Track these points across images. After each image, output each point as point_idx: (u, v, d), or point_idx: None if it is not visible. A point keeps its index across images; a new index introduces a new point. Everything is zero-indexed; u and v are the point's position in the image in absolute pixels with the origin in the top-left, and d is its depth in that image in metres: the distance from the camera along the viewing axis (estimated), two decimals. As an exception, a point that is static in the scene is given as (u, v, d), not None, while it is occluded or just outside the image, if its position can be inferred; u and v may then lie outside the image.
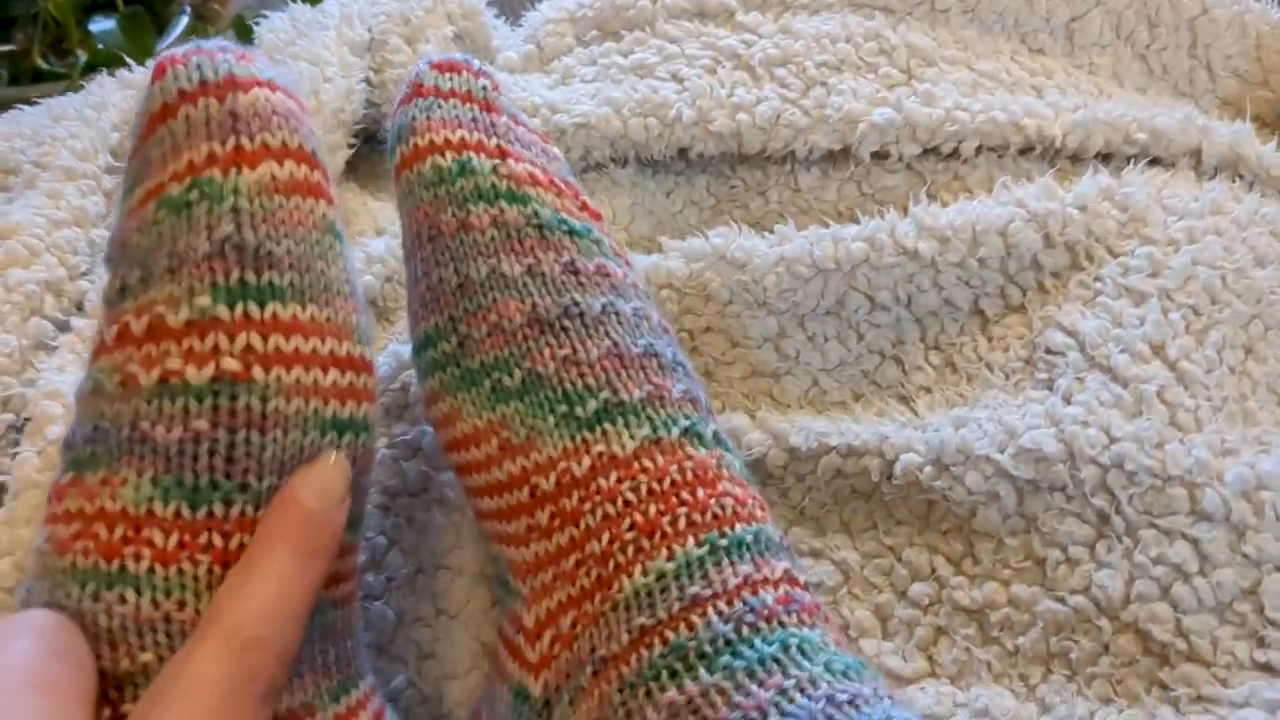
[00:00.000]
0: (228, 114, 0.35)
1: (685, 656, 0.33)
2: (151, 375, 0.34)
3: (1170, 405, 0.47)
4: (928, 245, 0.53)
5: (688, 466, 0.38)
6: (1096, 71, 0.62)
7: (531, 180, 0.42)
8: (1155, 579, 0.44)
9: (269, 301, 0.34)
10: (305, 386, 0.35)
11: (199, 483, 0.33)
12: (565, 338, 0.39)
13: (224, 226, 0.34)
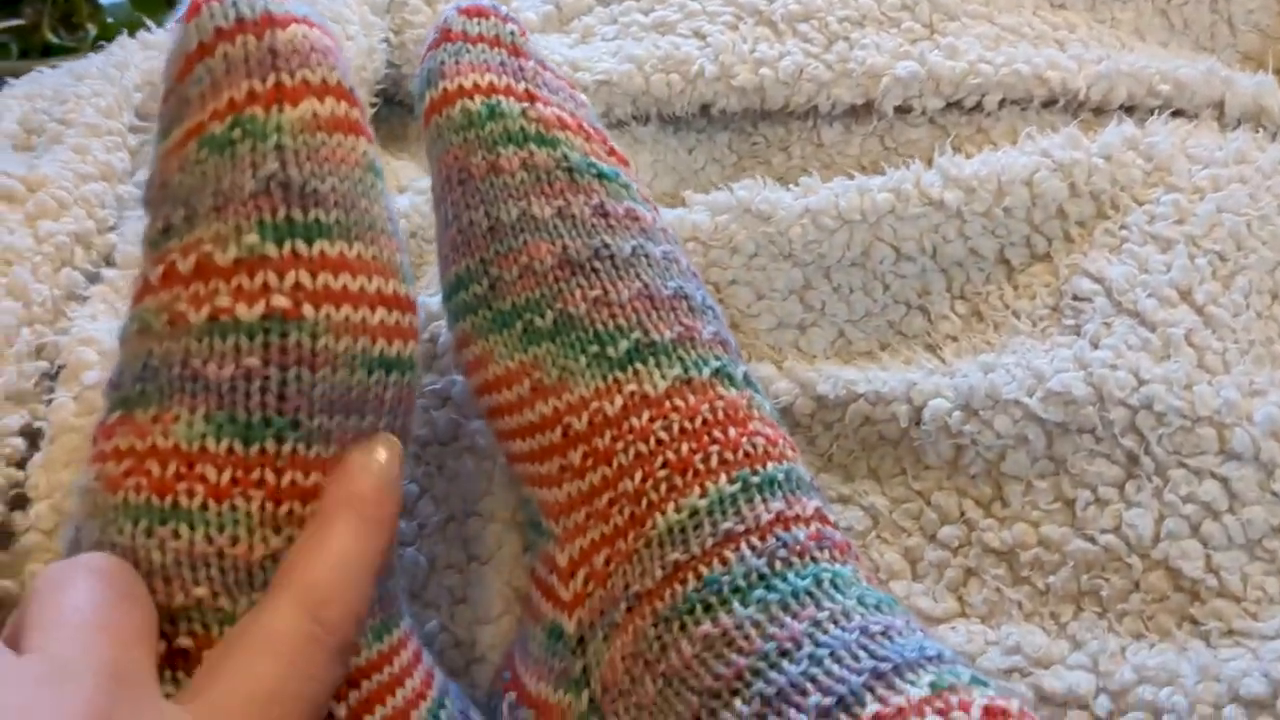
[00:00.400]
0: (267, 51, 0.35)
1: (719, 590, 0.34)
2: (201, 313, 0.34)
3: (1198, 348, 0.47)
4: (953, 195, 0.53)
5: (719, 406, 0.38)
6: (1118, 26, 0.63)
7: (560, 124, 0.42)
8: (1185, 517, 0.44)
9: (316, 239, 0.35)
10: (354, 324, 0.35)
11: (251, 419, 0.34)
12: (596, 279, 0.40)
13: (269, 164, 0.35)
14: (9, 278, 0.48)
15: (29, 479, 0.45)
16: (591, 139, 0.43)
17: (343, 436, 0.36)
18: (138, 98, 0.62)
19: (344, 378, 0.35)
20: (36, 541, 0.44)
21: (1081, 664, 0.42)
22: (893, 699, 0.30)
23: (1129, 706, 0.40)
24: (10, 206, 0.51)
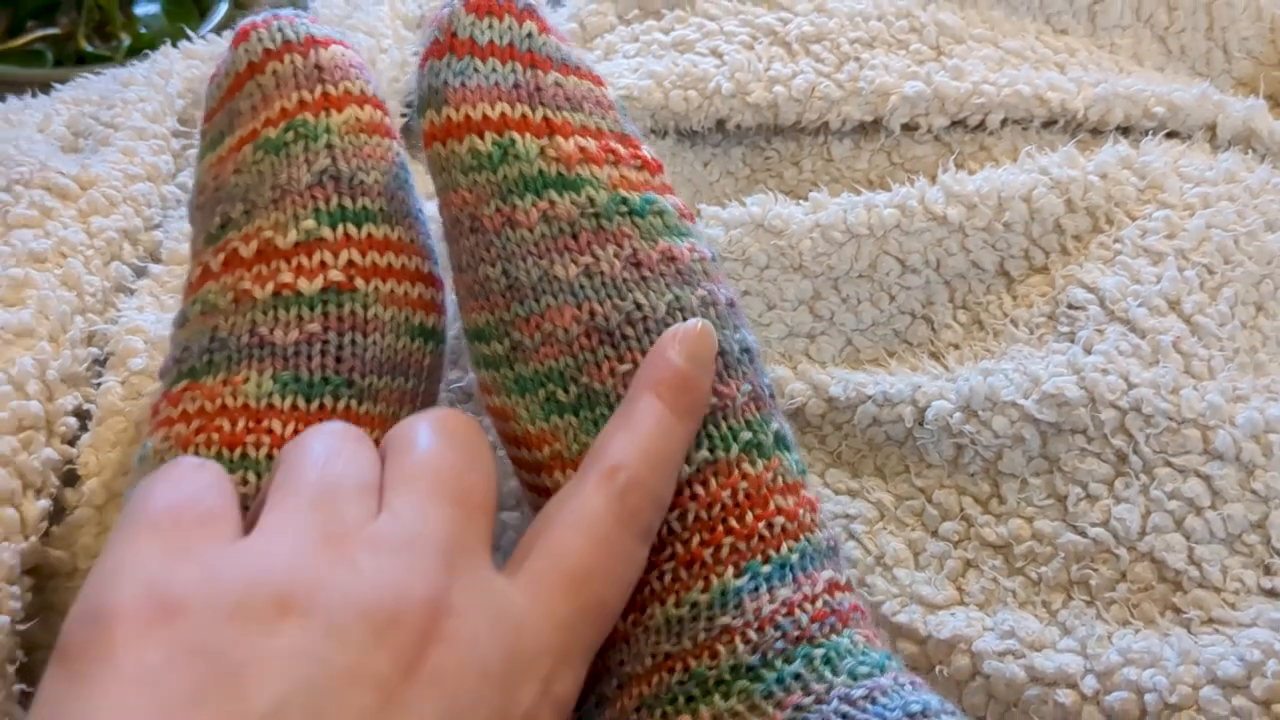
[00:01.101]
0: (313, 66, 0.41)
1: (704, 683, 0.34)
2: (266, 289, 0.38)
3: (1185, 355, 0.50)
4: (956, 211, 0.57)
5: (741, 488, 0.37)
6: (1117, 51, 0.66)
7: (583, 156, 0.39)
8: (1170, 512, 0.47)
9: (364, 223, 0.40)
10: (398, 296, 0.40)
11: (313, 378, 0.38)
12: (625, 348, 0.38)
13: (321, 160, 0.40)
14: (64, 269, 0.52)
15: (79, 457, 0.48)
16: (620, 160, 0.41)
17: (388, 395, 0.40)
18: (180, 104, 0.66)
19: (390, 342, 0.39)
20: (88, 516, 0.48)
21: (1071, 648, 0.45)
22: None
23: (1114, 686, 0.43)
24: (64, 203, 0.55)
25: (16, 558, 0.43)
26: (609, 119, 0.42)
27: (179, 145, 0.64)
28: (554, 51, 0.42)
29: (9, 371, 0.46)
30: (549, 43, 0.41)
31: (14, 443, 0.45)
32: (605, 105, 0.43)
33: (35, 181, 0.55)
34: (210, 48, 0.72)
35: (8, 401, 0.45)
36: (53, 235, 0.53)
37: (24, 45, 1.15)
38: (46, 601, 0.47)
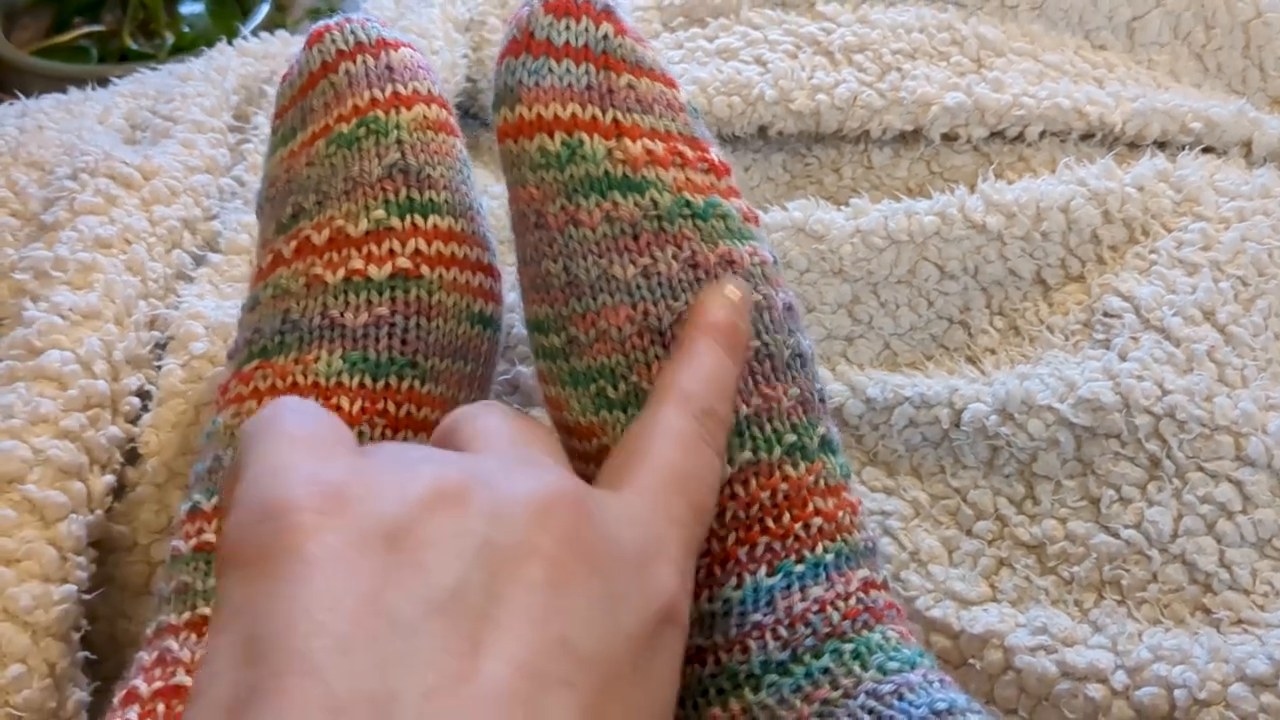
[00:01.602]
0: (385, 67, 0.44)
1: (734, 677, 0.36)
2: (338, 274, 0.41)
3: (1219, 364, 0.52)
4: (995, 220, 0.58)
5: (781, 489, 0.38)
6: (1155, 68, 0.67)
7: (649, 159, 0.40)
8: (1201, 516, 0.49)
9: (430, 214, 0.42)
10: (460, 284, 0.42)
11: (379, 358, 0.40)
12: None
13: (391, 154, 0.42)
14: (128, 255, 0.54)
15: (141, 436, 0.50)
16: (688, 163, 0.41)
17: (449, 378, 0.42)
18: (235, 100, 0.68)
19: (453, 327, 0.42)
20: (149, 493, 0.50)
21: (1102, 644, 0.46)
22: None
23: (1144, 682, 0.44)
24: (128, 191, 0.57)
25: (84, 529, 0.45)
26: (679, 122, 0.42)
27: (234, 140, 0.66)
28: (629, 54, 0.42)
29: (77, 351, 0.48)
30: (624, 44, 0.42)
31: (83, 419, 0.47)
32: (676, 108, 0.43)
33: (100, 170, 0.57)
34: (264, 46, 0.74)
35: (76, 379, 0.47)
36: (117, 222, 0.55)
37: (69, 42, 1.18)
38: (107, 574, 0.49)
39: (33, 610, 0.42)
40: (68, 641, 0.43)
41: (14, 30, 1.20)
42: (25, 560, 0.43)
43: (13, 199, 0.60)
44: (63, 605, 0.43)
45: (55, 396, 0.47)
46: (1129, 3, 0.68)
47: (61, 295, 0.50)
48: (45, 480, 0.45)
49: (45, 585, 0.43)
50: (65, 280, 0.51)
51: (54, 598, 0.43)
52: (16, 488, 0.44)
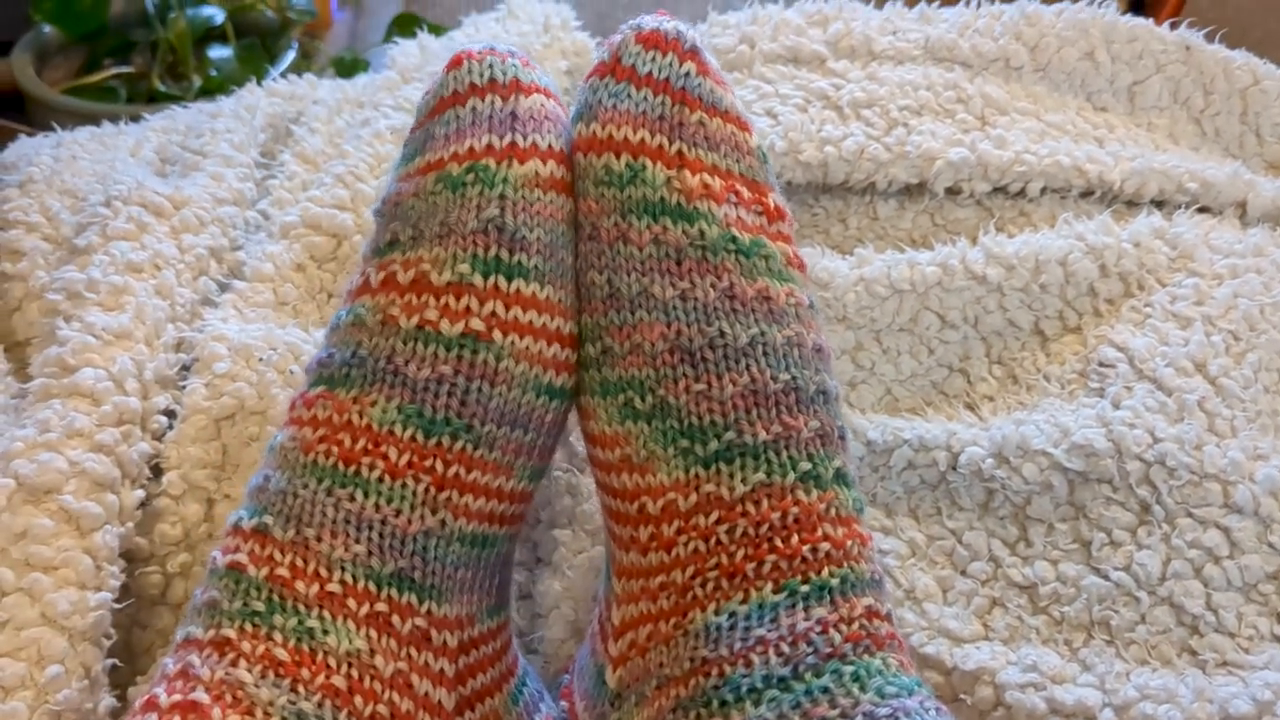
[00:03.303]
0: (509, 113, 0.43)
1: (737, 689, 0.37)
2: (411, 320, 0.41)
3: (1209, 414, 0.54)
4: (995, 271, 0.61)
5: (792, 512, 0.40)
6: (1154, 130, 0.70)
7: (705, 193, 0.42)
8: (1189, 560, 0.51)
9: (515, 278, 0.42)
10: (532, 354, 0.42)
11: (435, 416, 0.40)
12: (704, 369, 0.41)
13: (491, 209, 0.42)
14: (158, 279, 0.56)
15: (164, 451, 0.52)
16: (742, 202, 0.44)
17: (504, 445, 0.42)
18: (262, 138, 0.71)
19: (516, 396, 0.42)
20: (166, 506, 0.52)
21: (1090, 682, 0.48)
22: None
23: (1131, 719, 0.46)
24: (159, 219, 0.59)
25: (116, 540, 0.47)
26: (743, 164, 0.45)
27: (260, 175, 0.69)
28: (706, 93, 0.44)
29: (110, 369, 0.51)
30: (703, 85, 0.44)
31: (116, 434, 0.49)
32: (744, 150, 0.45)
33: (133, 199, 0.60)
34: (291, 88, 0.77)
35: (110, 396, 0.50)
36: (148, 248, 0.57)
37: (99, 82, 1.22)
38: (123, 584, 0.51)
39: (70, 615, 0.44)
40: (100, 647, 0.45)
41: (45, 69, 1.24)
42: (63, 568, 0.45)
43: (45, 224, 0.63)
44: (98, 612, 0.45)
45: (89, 412, 0.49)
46: (1130, 67, 0.71)
47: (94, 316, 0.53)
48: (81, 491, 0.47)
49: (81, 592, 0.45)
50: (97, 301, 0.54)
51: (90, 604, 0.45)
52: (54, 498, 0.46)
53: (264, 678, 0.36)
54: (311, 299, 0.62)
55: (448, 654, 0.40)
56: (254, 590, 0.38)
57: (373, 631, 0.38)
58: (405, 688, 0.38)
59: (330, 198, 0.63)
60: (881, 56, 0.72)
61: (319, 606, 0.38)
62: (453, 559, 0.41)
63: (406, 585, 0.39)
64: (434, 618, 0.40)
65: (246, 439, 0.54)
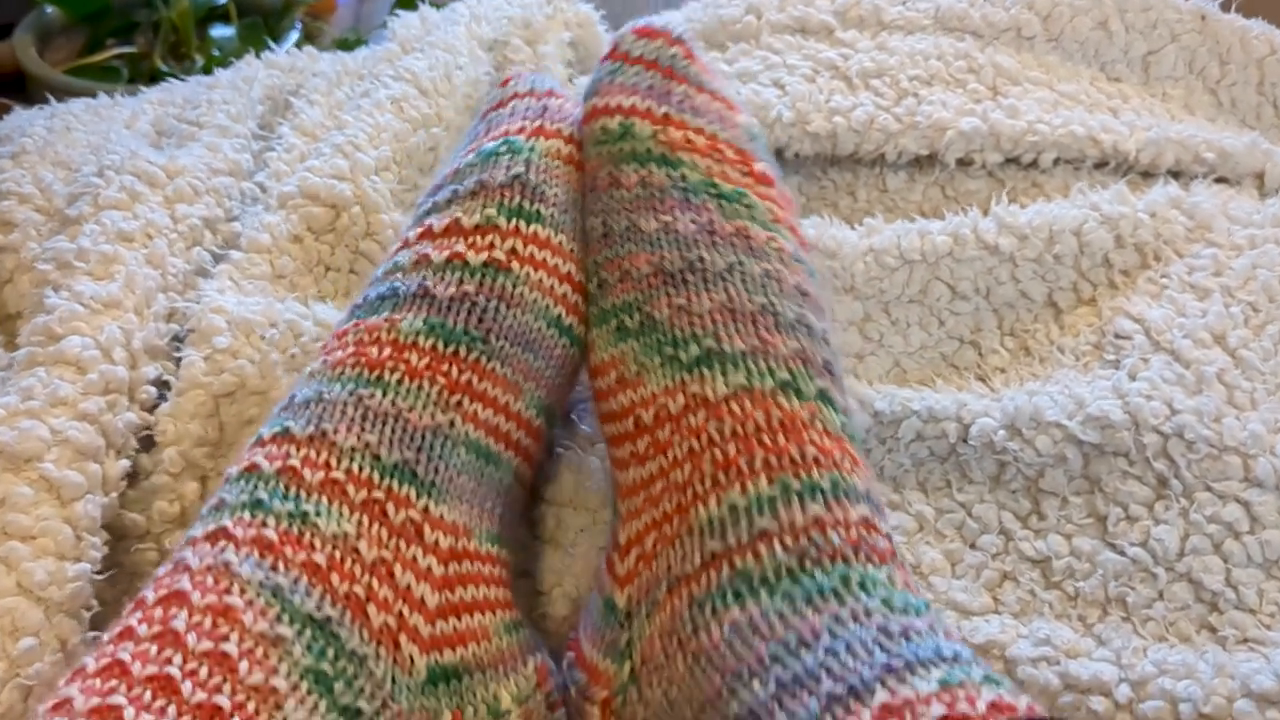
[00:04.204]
0: (540, 108, 0.51)
1: (750, 581, 0.38)
2: (442, 255, 0.46)
3: (1228, 386, 0.52)
4: (1007, 241, 0.59)
5: (775, 415, 0.42)
6: (1169, 101, 0.69)
7: (688, 146, 0.48)
8: (1209, 535, 0.49)
9: (534, 222, 0.47)
10: (545, 287, 0.47)
11: (455, 327, 0.44)
12: (683, 288, 0.45)
13: (516, 167, 0.48)
14: (149, 249, 0.55)
15: (157, 425, 0.51)
16: (724, 160, 0.49)
17: (515, 363, 0.46)
18: (260, 110, 0.70)
19: (528, 320, 0.46)
20: (164, 483, 0.50)
21: (1106, 657, 0.46)
22: (901, 691, 0.33)
23: (1148, 695, 0.44)
24: (152, 189, 0.58)
25: (98, 510, 0.46)
26: (729, 132, 0.50)
27: (258, 147, 0.67)
28: (693, 74, 0.51)
29: (97, 338, 0.49)
30: (689, 66, 0.51)
31: (101, 403, 0.47)
32: (729, 122, 0.51)
33: (126, 168, 0.58)
34: (291, 60, 0.76)
35: (96, 364, 0.48)
36: (140, 217, 0.56)
37: (101, 62, 1.20)
38: (117, 560, 0.49)
39: (47, 586, 0.43)
40: (79, 619, 0.44)
41: (47, 50, 1.23)
42: (41, 537, 0.44)
43: (38, 195, 0.61)
44: (76, 583, 0.44)
45: (74, 380, 0.48)
46: (1144, 37, 0.69)
47: (83, 284, 0.52)
48: (63, 460, 0.45)
49: (60, 562, 0.43)
50: (87, 270, 0.53)
51: (68, 575, 0.43)
52: (35, 466, 0.45)
53: (248, 557, 0.37)
54: (309, 271, 0.61)
55: (438, 554, 0.41)
56: (261, 483, 0.40)
57: (364, 518, 0.40)
58: (386, 576, 0.39)
59: (329, 168, 0.62)
60: (891, 26, 0.71)
61: (319, 492, 0.40)
62: (456, 462, 0.43)
63: (407, 478, 0.41)
64: (429, 515, 0.41)
65: (245, 419, 0.53)
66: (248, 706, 0.33)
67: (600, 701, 0.42)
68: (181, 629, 0.34)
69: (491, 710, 0.41)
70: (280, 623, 0.36)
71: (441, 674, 0.40)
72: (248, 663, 0.34)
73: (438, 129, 0.67)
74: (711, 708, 0.37)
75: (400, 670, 0.38)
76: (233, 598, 0.36)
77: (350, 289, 0.62)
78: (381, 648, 0.38)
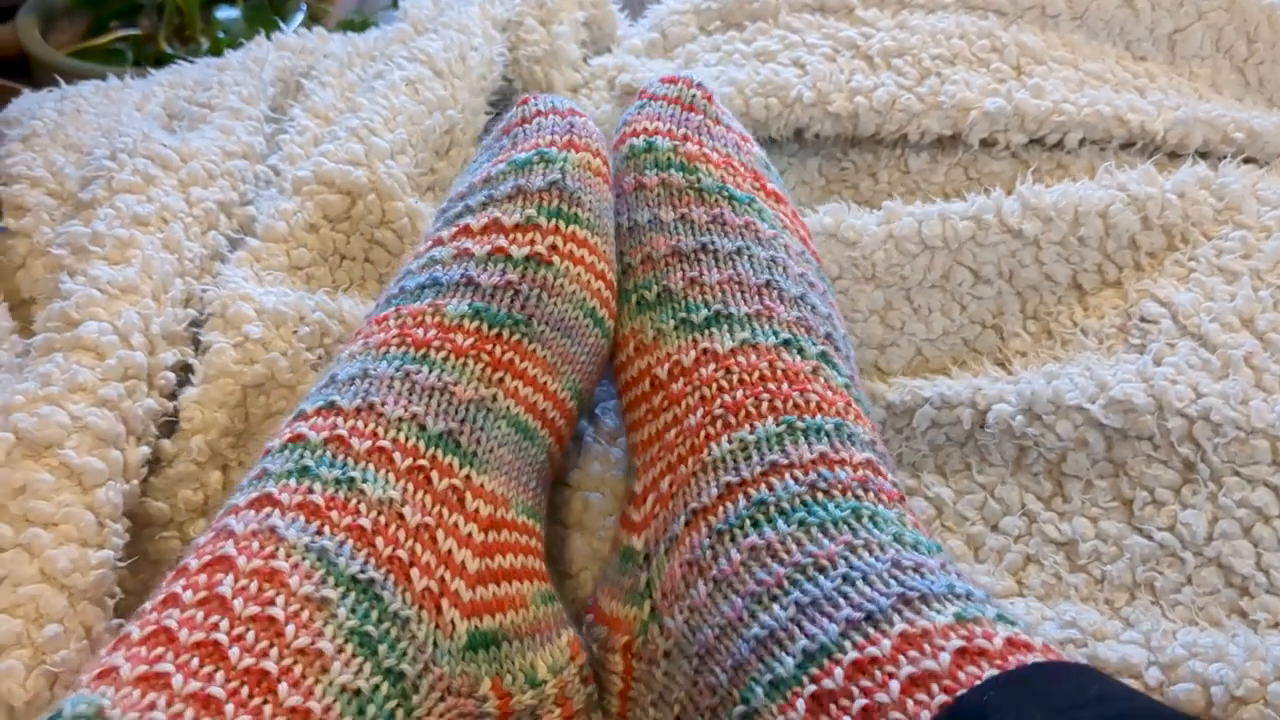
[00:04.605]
0: (568, 125, 0.54)
1: (766, 509, 0.41)
2: (484, 249, 0.49)
3: (1256, 369, 0.52)
4: (1031, 224, 0.59)
5: (778, 367, 0.46)
6: (1196, 80, 0.68)
7: (704, 158, 0.54)
8: (1238, 520, 0.49)
9: (572, 224, 0.50)
10: (583, 281, 0.50)
11: (499, 311, 0.47)
12: (697, 265, 0.51)
13: (554, 174, 0.51)
14: (165, 233, 0.55)
15: (182, 411, 0.51)
16: (737, 173, 0.55)
17: (554, 346, 0.49)
18: (271, 92, 0.70)
19: (567, 310, 0.49)
20: (189, 471, 0.51)
21: (1134, 640, 0.46)
22: (919, 621, 0.34)
23: (1179, 678, 0.44)
24: (166, 172, 0.58)
25: (120, 497, 0.46)
26: (744, 155, 0.56)
27: (270, 130, 0.67)
28: (710, 110, 0.57)
29: (115, 323, 0.50)
30: (708, 105, 0.57)
31: (120, 389, 0.48)
32: (745, 150, 0.57)
33: (139, 150, 0.59)
34: (301, 41, 0.76)
35: (114, 350, 0.49)
36: (155, 201, 0.56)
37: (106, 44, 1.20)
38: (140, 549, 0.50)
39: (70, 573, 0.43)
40: (103, 607, 0.44)
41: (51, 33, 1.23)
42: (63, 524, 0.44)
43: (50, 179, 0.62)
44: (99, 570, 0.44)
45: (93, 366, 0.48)
46: (1171, 15, 0.69)
47: (99, 269, 0.52)
48: (83, 447, 0.46)
49: (83, 549, 0.44)
50: (103, 255, 0.53)
51: (91, 562, 0.44)
52: (55, 452, 0.45)
53: (294, 522, 0.38)
54: (324, 261, 0.61)
55: (478, 521, 0.43)
56: (307, 451, 0.41)
57: (409, 485, 0.41)
58: (429, 541, 0.41)
59: (344, 153, 0.62)
60: (912, 4, 0.71)
61: (366, 460, 0.41)
62: (497, 435, 0.45)
63: (451, 447, 0.44)
64: (471, 483, 0.44)
65: (271, 412, 0.54)
66: (294, 670, 0.34)
67: (621, 647, 0.44)
68: (228, 594, 0.35)
69: (529, 679, 0.42)
70: (325, 585, 0.37)
71: (481, 640, 0.41)
72: (294, 626, 0.35)
73: (453, 111, 0.67)
74: (732, 630, 0.39)
75: (442, 634, 0.40)
76: (278, 561, 0.37)
77: (365, 278, 0.62)
78: (424, 611, 0.39)
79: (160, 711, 0.31)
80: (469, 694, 0.40)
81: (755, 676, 0.37)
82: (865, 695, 0.33)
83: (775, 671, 0.36)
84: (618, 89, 0.71)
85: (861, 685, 0.33)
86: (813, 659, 0.35)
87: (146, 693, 0.32)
